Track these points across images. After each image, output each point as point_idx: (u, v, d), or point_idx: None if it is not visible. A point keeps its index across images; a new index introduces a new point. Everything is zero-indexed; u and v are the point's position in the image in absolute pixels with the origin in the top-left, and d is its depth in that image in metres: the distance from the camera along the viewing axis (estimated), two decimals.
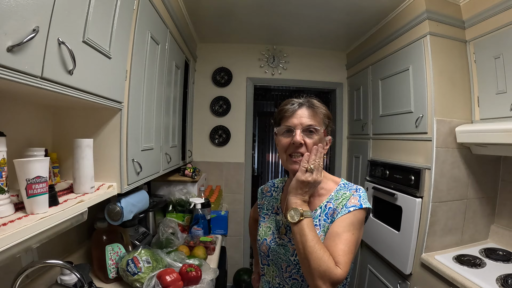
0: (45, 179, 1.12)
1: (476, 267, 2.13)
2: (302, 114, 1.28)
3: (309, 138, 1.25)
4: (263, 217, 1.51)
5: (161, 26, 2.25)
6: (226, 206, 4.09)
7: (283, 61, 4.16)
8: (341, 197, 1.26)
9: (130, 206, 1.80)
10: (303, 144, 1.25)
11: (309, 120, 1.26)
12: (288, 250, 1.30)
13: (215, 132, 4.10)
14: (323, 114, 1.31)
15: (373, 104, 3.41)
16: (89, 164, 1.44)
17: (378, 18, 3.10)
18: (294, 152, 1.27)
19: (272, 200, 1.52)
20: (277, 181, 1.60)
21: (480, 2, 2.38)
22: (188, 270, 1.73)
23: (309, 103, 1.30)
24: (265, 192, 1.59)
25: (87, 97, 1.25)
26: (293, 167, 1.27)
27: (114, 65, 1.46)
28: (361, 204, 1.20)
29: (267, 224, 1.45)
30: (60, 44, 1.03)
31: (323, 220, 1.25)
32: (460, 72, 2.52)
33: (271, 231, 1.40)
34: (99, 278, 1.86)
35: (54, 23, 1.00)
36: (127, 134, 1.67)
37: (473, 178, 2.53)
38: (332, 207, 1.25)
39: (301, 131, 1.25)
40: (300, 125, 1.26)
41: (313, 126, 1.25)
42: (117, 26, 1.46)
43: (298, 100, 1.32)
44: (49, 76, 1.00)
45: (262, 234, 1.43)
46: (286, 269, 1.31)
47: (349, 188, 1.30)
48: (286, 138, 1.28)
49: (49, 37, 0.98)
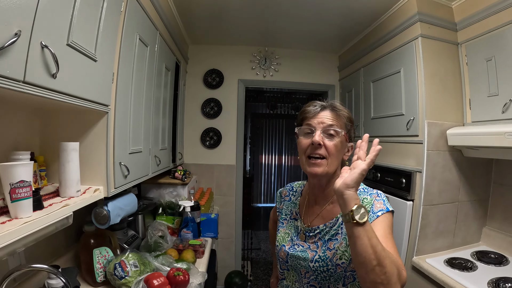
0: (29, 183, 1.11)
1: (467, 270, 2.13)
2: (324, 115, 1.26)
3: (329, 140, 1.22)
4: (281, 222, 1.49)
5: (150, 28, 2.23)
6: (217, 209, 4.07)
7: (275, 63, 4.16)
8: (363, 203, 1.21)
9: (118, 209, 1.79)
10: (322, 145, 1.21)
11: (331, 120, 1.24)
12: (307, 256, 1.27)
13: (206, 134, 4.09)
14: (345, 117, 1.28)
15: (365, 106, 3.41)
16: (75, 168, 1.42)
17: (370, 20, 3.11)
18: (313, 153, 1.23)
19: (291, 205, 1.50)
20: (296, 185, 1.58)
21: (472, 4, 2.39)
22: (175, 274, 1.72)
23: (331, 106, 1.28)
24: (283, 196, 1.57)
25: (71, 100, 1.24)
26: (311, 169, 1.24)
27: (100, 68, 1.45)
28: (387, 208, 1.19)
29: (286, 230, 1.43)
30: (43, 48, 1.02)
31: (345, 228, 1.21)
32: (451, 74, 2.52)
33: (289, 237, 1.39)
34: (87, 282, 1.84)
35: (37, 27, 0.99)
36: (114, 137, 1.66)
37: (465, 181, 2.53)
38: None
39: (321, 131, 1.23)
40: (321, 125, 1.23)
41: (334, 128, 1.23)
42: (104, 29, 1.44)
43: (321, 103, 1.30)
44: (31, 80, 0.99)
45: (280, 240, 1.42)
46: (305, 275, 1.29)
47: (369, 192, 1.27)
48: (306, 139, 1.26)
49: (31, 41, 0.98)
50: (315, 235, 1.30)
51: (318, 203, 1.36)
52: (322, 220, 1.31)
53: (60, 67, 1.10)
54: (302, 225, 1.37)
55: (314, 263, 1.24)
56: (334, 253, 1.21)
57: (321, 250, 1.25)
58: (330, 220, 1.28)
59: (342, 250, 1.20)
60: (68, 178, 1.41)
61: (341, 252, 1.20)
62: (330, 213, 1.30)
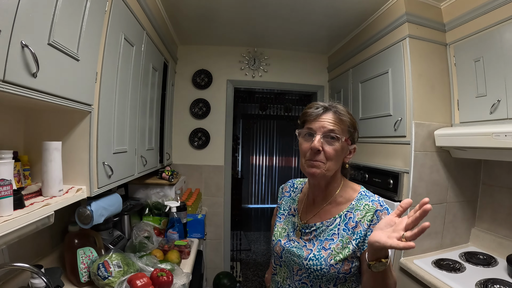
0: (9, 182, 1.11)
1: (455, 271, 2.13)
2: (326, 119, 1.24)
3: (329, 145, 1.21)
4: (279, 217, 1.50)
5: (136, 28, 2.23)
6: (205, 209, 4.07)
7: (264, 63, 4.17)
8: (364, 209, 1.23)
9: (101, 209, 1.78)
10: (321, 150, 1.21)
11: (332, 125, 1.22)
12: (302, 254, 1.28)
13: (195, 134, 4.09)
14: (348, 122, 1.26)
15: (353, 107, 3.43)
16: (57, 167, 1.42)
17: (358, 20, 3.13)
18: (312, 159, 1.23)
19: (290, 200, 1.51)
20: (297, 181, 1.58)
21: (461, 5, 2.40)
22: (159, 274, 1.72)
23: (334, 109, 1.26)
24: (284, 191, 1.58)
25: (52, 99, 1.24)
26: (309, 170, 1.24)
27: (82, 67, 1.44)
28: None
29: (283, 225, 1.44)
30: (23, 47, 1.02)
31: (343, 230, 1.24)
32: (440, 75, 2.53)
33: (286, 233, 1.40)
34: (71, 282, 1.83)
35: (18, 26, 0.99)
36: (98, 137, 1.66)
37: (453, 182, 2.54)
38: (353, 218, 1.24)
39: (321, 136, 1.22)
40: (322, 130, 1.22)
41: (335, 133, 1.21)
42: (87, 28, 1.44)
43: (323, 104, 1.28)
44: (11, 79, 0.99)
45: (277, 234, 1.43)
46: (297, 272, 1.30)
47: (371, 199, 1.27)
48: (307, 142, 1.25)
49: (11, 40, 0.97)
50: (310, 232, 1.31)
51: (317, 202, 1.36)
52: (319, 218, 1.32)
53: (41, 66, 1.10)
54: (299, 222, 1.37)
55: (308, 261, 1.25)
56: (329, 253, 1.22)
57: (317, 249, 1.25)
58: (328, 219, 1.29)
59: (337, 252, 1.21)
60: (50, 178, 1.41)
61: (336, 253, 1.21)
62: (328, 213, 1.31)
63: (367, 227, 1.19)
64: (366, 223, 1.20)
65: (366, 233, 1.18)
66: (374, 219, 1.19)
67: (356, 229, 1.21)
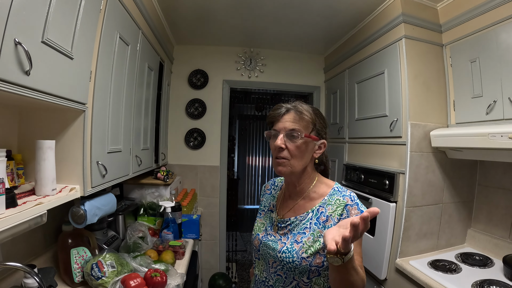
0: (2, 180, 1.10)
1: (451, 272, 2.12)
2: (287, 119, 1.31)
3: (292, 143, 1.29)
4: (260, 213, 1.59)
5: (132, 27, 2.22)
6: (201, 210, 4.06)
7: (260, 64, 4.17)
8: (335, 204, 1.29)
9: (95, 209, 1.77)
10: (285, 148, 1.29)
11: (292, 124, 1.29)
12: (276, 247, 1.34)
13: (190, 135, 4.08)
14: (310, 118, 1.33)
15: (349, 107, 3.43)
16: (50, 166, 1.42)
17: (355, 21, 3.13)
18: (277, 156, 1.32)
19: (270, 197, 1.59)
20: (278, 180, 1.66)
21: (457, 6, 2.40)
22: (153, 275, 1.72)
23: (295, 108, 1.33)
24: (265, 189, 1.66)
25: (46, 98, 1.23)
26: (276, 169, 1.32)
27: (76, 65, 1.44)
28: (362, 211, 1.24)
29: (262, 221, 1.52)
30: (16, 45, 1.02)
31: (314, 224, 1.29)
32: (436, 75, 2.53)
33: (264, 227, 1.47)
34: (65, 282, 1.82)
35: (11, 24, 0.99)
36: (92, 136, 1.65)
37: (449, 182, 2.53)
38: (325, 212, 1.29)
39: (284, 135, 1.29)
40: (284, 129, 1.30)
41: (296, 131, 1.28)
42: (81, 27, 1.43)
43: (286, 105, 1.35)
44: (4, 77, 0.99)
45: (256, 229, 1.51)
46: (272, 264, 1.36)
47: (342, 194, 1.32)
48: (273, 141, 1.32)
49: (5, 37, 0.97)
50: (285, 226, 1.37)
51: (292, 198, 1.43)
52: (294, 213, 1.38)
53: (34, 64, 1.09)
54: (276, 217, 1.44)
55: (281, 253, 1.30)
56: (300, 246, 1.27)
57: (289, 242, 1.31)
58: (301, 214, 1.35)
59: (308, 245, 1.26)
60: (43, 177, 1.40)
61: (307, 246, 1.26)
62: (302, 208, 1.37)
63: (337, 221, 1.25)
64: (336, 217, 1.26)
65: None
66: (344, 213, 1.25)
67: (326, 223, 1.27)
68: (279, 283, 1.33)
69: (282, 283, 1.32)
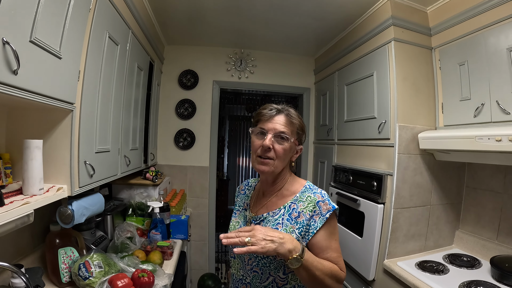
0: None
1: (438, 273, 2.13)
2: (277, 120, 1.36)
3: (279, 144, 1.34)
4: (235, 213, 1.63)
5: (121, 27, 2.22)
6: (190, 210, 4.05)
7: (250, 65, 4.18)
8: (306, 200, 1.34)
9: (82, 209, 1.77)
10: (272, 148, 1.33)
11: (283, 127, 1.35)
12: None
13: (180, 135, 4.08)
14: (298, 125, 1.40)
15: (339, 109, 3.45)
16: (37, 166, 1.41)
17: (345, 23, 3.15)
18: (263, 155, 1.35)
19: (244, 197, 1.63)
20: (251, 180, 1.71)
21: (447, 9, 2.43)
22: (140, 275, 1.72)
23: (287, 112, 1.38)
24: (240, 190, 1.71)
25: (33, 97, 1.23)
26: (259, 167, 1.37)
27: (65, 65, 1.43)
28: (333, 206, 1.32)
29: (237, 219, 1.56)
30: (4, 44, 1.01)
31: (286, 220, 1.34)
32: (424, 78, 2.55)
33: (239, 225, 1.51)
34: (53, 282, 1.82)
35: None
36: (79, 136, 1.64)
37: (437, 184, 2.56)
38: (296, 208, 1.34)
39: (272, 136, 1.34)
40: (273, 130, 1.34)
41: (285, 134, 1.34)
42: (70, 26, 1.43)
43: (277, 106, 1.40)
44: None
45: (231, 227, 1.54)
46: (248, 261, 1.37)
47: (313, 191, 1.38)
48: (259, 140, 1.36)
49: None
50: (259, 222, 1.41)
51: (265, 196, 1.49)
52: (266, 209, 1.44)
53: (22, 63, 1.09)
54: (250, 214, 1.49)
55: None
56: None
57: None
58: (273, 210, 1.40)
59: None
60: (31, 176, 1.40)
61: None
62: (274, 204, 1.42)
63: (309, 217, 1.30)
64: (308, 213, 1.31)
65: (309, 222, 1.30)
66: (316, 209, 1.31)
67: (298, 219, 1.32)
68: (256, 280, 1.35)
69: (259, 280, 1.34)
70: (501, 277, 1.97)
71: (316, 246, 1.29)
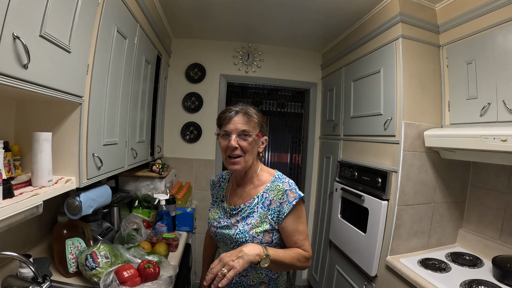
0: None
1: (440, 271, 2.13)
2: (237, 121, 1.50)
3: (243, 141, 1.50)
4: (212, 204, 1.79)
5: (130, 21, 2.23)
6: (196, 203, 4.08)
7: (257, 59, 4.18)
8: (276, 189, 1.52)
9: (90, 200, 1.80)
10: (238, 147, 1.49)
11: (243, 126, 1.49)
12: (231, 230, 1.56)
13: (187, 128, 4.10)
14: (257, 121, 1.55)
15: (345, 105, 3.44)
16: (47, 158, 1.44)
17: (353, 19, 3.13)
18: (231, 154, 1.51)
19: (220, 189, 1.78)
20: (225, 173, 1.85)
21: (455, 7, 2.40)
22: (146, 266, 1.74)
23: (244, 111, 1.52)
24: (215, 183, 1.84)
25: (43, 91, 1.25)
26: (231, 167, 1.53)
27: (74, 59, 1.45)
28: (300, 194, 1.50)
29: (216, 210, 1.72)
30: (15, 39, 1.03)
31: (260, 208, 1.52)
32: (431, 76, 2.53)
33: (218, 216, 1.67)
34: (59, 272, 1.85)
35: (10, 18, 1.00)
36: (88, 128, 1.67)
37: (441, 182, 2.55)
38: (269, 197, 1.52)
39: (236, 135, 1.49)
40: (236, 131, 1.49)
41: (247, 131, 1.50)
42: (79, 21, 1.45)
43: (235, 108, 1.54)
44: (2, 70, 1.01)
45: (211, 217, 1.71)
46: (230, 244, 1.57)
47: (282, 180, 1.56)
48: (225, 141, 1.52)
49: (3, 32, 0.98)
50: (237, 213, 1.58)
51: (240, 186, 1.66)
52: (242, 200, 1.60)
53: (32, 58, 1.11)
54: (228, 206, 1.65)
55: (235, 235, 1.52)
56: (251, 227, 1.50)
57: (241, 225, 1.53)
58: (249, 201, 1.57)
59: (256, 225, 1.50)
60: (40, 168, 1.42)
61: (256, 226, 1.50)
62: (248, 195, 1.59)
63: (279, 204, 1.49)
64: (278, 201, 1.49)
65: (279, 209, 1.48)
66: (284, 197, 1.49)
67: (270, 206, 1.51)
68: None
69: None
70: (502, 277, 1.97)
71: (286, 230, 1.48)
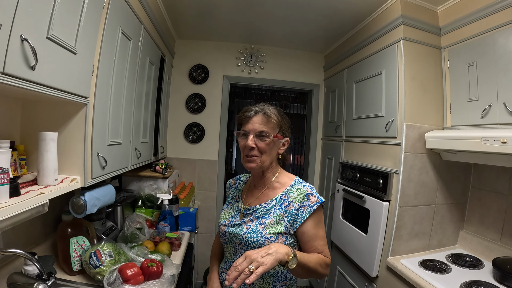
0: (6, 170, 1.14)
1: (441, 272, 2.14)
2: (256, 121, 1.48)
3: (261, 141, 1.47)
4: (226, 204, 1.75)
5: (134, 22, 2.25)
6: (198, 203, 4.11)
7: (260, 60, 4.20)
8: (296, 192, 1.48)
9: (94, 199, 1.82)
10: (255, 147, 1.46)
11: (262, 126, 1.47)
12: (242, 228, 1.50)
13: (190, 129, 4.12)
14: (276, 122, 1.51)
15: (347, 106, 3.46)
16: (52, 157, 1.46)
17: (355, 21, 3.15)
18: (248, 154, 1.49)
19: (236, 191, 1.75)
20: (243, 176, 1.83)
21: (457, 9, 2.41)
22: (149, 265, 1.75)
23: (263, 111, 1.50)
24: (231, 184, 1.82)
25: (50, 92, 1.27)
26: (247, 165, 1.50)
27: (80, 60, 1.48)
28: (321, 199, 1.46)
29: (229, 210, 1.68)
30: (22, 41, 1.06)
31: (278, 209, 1.47)
32: (433, 78, 2.54)
33: (230, 215, 1.63)
34: (63, 270, 1.87)
35: (18, 20, 1.03)
36: (93, 129, 1.69)
37: (442, 184, 2.55)
38: (287, 199, 1.48)
39: (254, 136, 1.46)
40: (253, 131, 1.47)
41: (265, 132, 1.47)
42: (85, 23, 1.47)
43: (255, 108, 1.52)
44: (10, 72, 1.03)
45: (223, 217, 1.66)
46: (239, 246, 1.51)
47: (303, 184, 1.52)
48: (243, 141, 1.50)
49: (12, 34, 1.01)
50: (251, 213, 1.54)
51: (257, 188, 1.62)
52: (259, 201, 1.57)
53: (39, 59, 1.13)
54: (242, 206, 1.62)
55: (246, 234, 1.46)
56: (264, 227, 1.45)
57: (254, 225, 1.48)
58: (266, 201, 1.53)
59: (271, 226, 1.44)
60: (45, 167, 1.45)
61: (270, 226, 1.44)
62: (266, 196, 1.56)
63: (298, 207, 1.44)
64: (297, 203, 1.45)
65: (298, 212, 1.43)
66: (304, 201, 1.45)
67: (288, 208, 1.46)
68: None
69: None
70: (502, 279, 1.98)
71: (306, 234, 1.43)
